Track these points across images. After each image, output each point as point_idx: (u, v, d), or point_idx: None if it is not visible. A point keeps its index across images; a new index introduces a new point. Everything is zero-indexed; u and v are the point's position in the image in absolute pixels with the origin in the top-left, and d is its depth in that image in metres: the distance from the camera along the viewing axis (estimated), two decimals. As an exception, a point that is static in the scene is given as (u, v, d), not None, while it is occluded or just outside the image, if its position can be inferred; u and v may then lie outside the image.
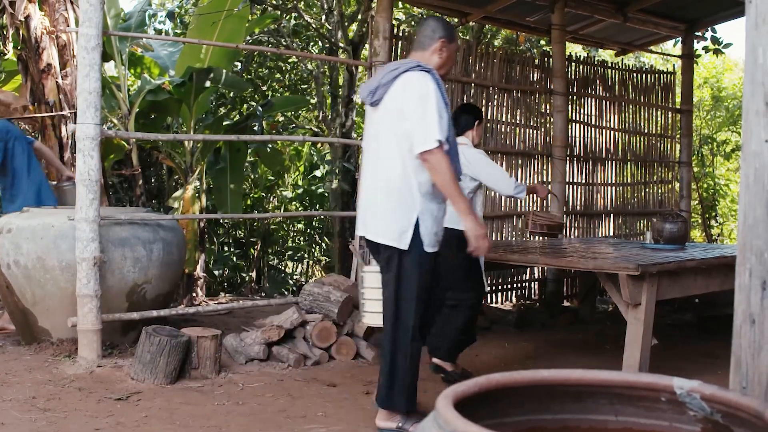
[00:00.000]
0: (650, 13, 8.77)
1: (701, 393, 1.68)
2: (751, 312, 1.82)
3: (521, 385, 1.74)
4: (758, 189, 1.79)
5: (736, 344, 1.89)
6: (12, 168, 6.18)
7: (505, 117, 8.10)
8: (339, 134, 10.91)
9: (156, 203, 10.11)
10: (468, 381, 1.67)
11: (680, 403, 1.70)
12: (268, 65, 12.63)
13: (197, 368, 5.08)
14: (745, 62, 1.88)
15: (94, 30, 5.21)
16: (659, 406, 1.73)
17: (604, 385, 1.78)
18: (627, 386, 1.76)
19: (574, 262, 5.12)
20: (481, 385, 1.66)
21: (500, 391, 1.71)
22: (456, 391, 1.59)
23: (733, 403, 1.62)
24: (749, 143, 1.82)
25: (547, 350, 6.30)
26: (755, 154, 1.81)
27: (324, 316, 5.81)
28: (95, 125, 5.20)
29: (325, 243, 12.96)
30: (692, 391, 1.69)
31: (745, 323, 1.83)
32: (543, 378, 1.76)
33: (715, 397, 1.65)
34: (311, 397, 4.75)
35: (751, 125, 1.80)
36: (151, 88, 8.21)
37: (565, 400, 1.76)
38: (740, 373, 1.87)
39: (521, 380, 1.74)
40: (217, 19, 8.07)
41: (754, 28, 1.83)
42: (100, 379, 4.88)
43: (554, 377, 1.76)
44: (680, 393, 1.70)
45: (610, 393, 1.77)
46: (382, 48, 6.77)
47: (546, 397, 1.76)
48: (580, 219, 8.86)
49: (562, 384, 1.77)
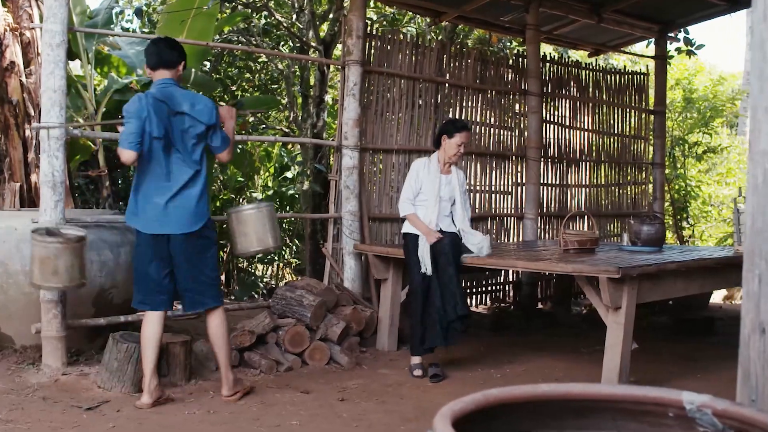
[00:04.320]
0: (625, 14, 8.75)
1: (713, 408, 1.57)
2: (761, 321, 1.71)
3: (520, 401, 1.63)
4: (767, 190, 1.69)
5: (743, 355, 1.79)
6: None
7: (480, 118, 8.00)
8: (310, 135, 10.75)
9: (123, 205, 9.89)
10: (465, 398, 1.56)
11: (689, 419, 1.59)
12: (238, 65, 12.45)
13: (167, 375, 4.93)
14: (752, 57, 1.78)
15: (59, 26, 5.06)
16: (666, 422, 1.62)
17: (606, 400, 1.67)
18: (631, 401, 1.65)
19: (553, 265, 5.04)
20: (478, 402, 1.54)
21: (498, 407, 1.59)
22: (453, 409, 1.47)
23: (747, 418, 1.52)
24: (757, 142, 1.72)
25: (525, 354, 6.21)
26: (764, 153, 1.71)
27: (297, 321, 5.69)
28: (60, 124, 5.04)
29: (295, 245, 12.80)
30: (703, 406, 1.58)
31: (754, 333, 1.73)
32: (542, 393, 1.65)
33: (727, 413, 1.54)
34: (285, 404, 4.62)
35: (760, 123, 1.70)
36: (119, 88, 8.01)
37: (565, 416, 1.66)
38: (749, 385, 1.76)
39: (520, 396, 1.63)
40: (186, 17, 7.89)
41: (762, 21, 1.73)
42: (65, 388, 4.71)
43: (554, 392, 1.65)
44: (690, 408, 1.60)
45: (612, 408, 1.67)
46: (355, 47, 6.67)
47: (545, 413, 1.65)
48: (554, 221, 8.79)
49: (563, 399, 1.66)
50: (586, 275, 4.82)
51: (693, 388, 4.55)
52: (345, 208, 6.68)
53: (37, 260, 4.47)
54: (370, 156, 7.03)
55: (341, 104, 6.80)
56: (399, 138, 7.19)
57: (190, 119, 4.44)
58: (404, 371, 5.52)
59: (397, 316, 6.27)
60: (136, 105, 4.37)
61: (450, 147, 5.61)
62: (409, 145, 7.24)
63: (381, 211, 7.07)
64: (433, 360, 5.61)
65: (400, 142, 7.18)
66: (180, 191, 4.43)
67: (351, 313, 6.01)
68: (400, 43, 7.23)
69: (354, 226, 6.68)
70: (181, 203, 4.43)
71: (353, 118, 6.68)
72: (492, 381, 5.35)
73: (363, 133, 6.84)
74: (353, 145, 6.68)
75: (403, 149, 7.19)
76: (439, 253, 5.36)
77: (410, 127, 7.27)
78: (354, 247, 6.60)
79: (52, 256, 4.45)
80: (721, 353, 6.36)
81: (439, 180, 5.61)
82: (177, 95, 4.49)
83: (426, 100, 7.43)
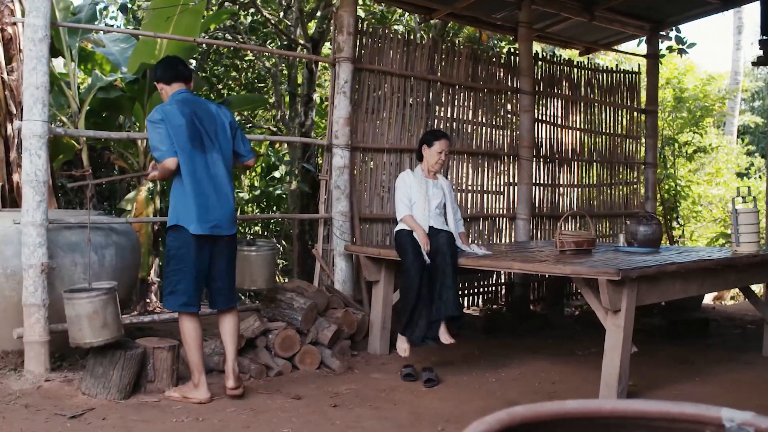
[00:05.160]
0: (617, 11, 8.66)
1: (756, 426, 1.44)
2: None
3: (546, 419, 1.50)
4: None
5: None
6: None
7: (471, 117, 7.88)
8: (298, 134, 10.60)
9: (107, 206, 9.71)
10: (488, 418, 1.42)
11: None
12: (224, 63, 12.28)
13: (153, 381, 4.78)
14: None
15: (41, 20, 4.90)
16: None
17: (638, 417, 1.54)
18: (666, 418, 1.52)
19: (551, 267, 4.92)
20: (502, 421, 1.41)
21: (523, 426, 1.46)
22: (477, 431, 1.34)
23: (795, 439, 1.39)
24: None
25: (519, 357, 6.09)
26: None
27: (287, 324, 5.55)
28: (43, 122, 4.89)
29: (282, 246, 12.64)
30: (745, 424, 1.45)
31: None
32: (571, 410, 1.51)
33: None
34: (276, 411, 4.48)
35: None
36: (103, 86, 7.83)
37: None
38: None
39: (546, 413, 1.49)
40: (172, 14, 7.72)
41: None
42: (48, 395, 4.55)
43: (583, 409, 1.52)
44: (730, 426, 1.46)
45: (645, 426, 1.53)
46: (346, 43, 6.54)
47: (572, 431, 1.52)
48: (546, 221, 8.68)
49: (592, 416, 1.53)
50: (584, 277, 4.71)
51: (693, 393, 4.46)
52: (336, 209, 6.54)
53: (84, 318, 4.46)
54: (360, 155, 6.90)
55: (331, 102, 6.66)
56: (390, 137, 7.06)
57: (219, 120, 4.65)
58: (397, 375, 5.39)
59: (389, 318, 6.14)
60: (159, 113, 4.49)
61: (431, 156, 5.82)
62: (400, 144, 7.11)
63: (372, 211, 6.94)
64: (426, 364, 5.50)
65: (391, 141, 7.05)
66: (223, 191, 4.60)
67: (342, 315, 5.88)
68: (391, 40, 7.10)
69: (345, 226, 6.55)
70: (226, 203, 4.61)
71: (344, 117, 6.54)
72: (488, 385, 5.23)
73: (353, 132, 6.70)
74: (344, 144, 6.54)
75: (394, 148, 7.06)
76: (436, 252, 5.29)
77: (401, 126, 7.14)
78: (345, 248, 6.46)
79: (100, 309, 4.49)
80: (718, 355, 6.29)
81: (427, 183, 5.78)
82: (200, 101, 4.76)
83: (417, 99, 7.30)
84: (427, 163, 5.84)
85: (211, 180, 4.53)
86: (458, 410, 4.57)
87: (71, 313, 4.50)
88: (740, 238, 5.81)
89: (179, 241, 4.52)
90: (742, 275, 5.82)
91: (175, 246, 4.55)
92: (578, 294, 8.91)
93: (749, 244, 5.78)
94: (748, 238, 5.79)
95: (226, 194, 4.62)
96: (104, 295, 4.54)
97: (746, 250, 5.77)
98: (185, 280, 4.53)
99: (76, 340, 4.53)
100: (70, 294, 4.53)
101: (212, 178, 4.54)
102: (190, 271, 4.52)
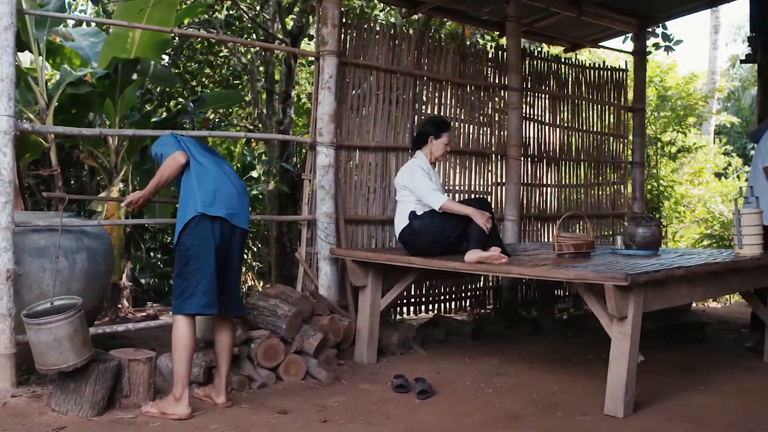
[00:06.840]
0: (606, 7, 8.44)
1: None
2: None
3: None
4: None
5: None
6: None
7: (458, 114, 7.60)
8: (276, 132, 10.26)
9: (76, 207, 9.31)
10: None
11: None
12: (198, 59, 11.92)
13: (129, 396, 4.45)
14: None
15: (6, 7, 4.57)
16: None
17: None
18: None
19: (553, 272, 4.65)
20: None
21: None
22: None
23: None
24: None
25: (512, 365, 5.82)
26: None
27: (270, 333, 5.24)
28: (8, 117, 4.56)
29: (257, 248, 12.29)
30: None
31: None
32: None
33: None
34: (262, 427, 4.17)
35: None
36: (72, 81, 7.45)
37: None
38: None
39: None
40: (145, 6, 7.39)
41: None
42: (14, 412, 4.22)
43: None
44: None
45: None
46: (330, 36, 6.24)
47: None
48: (534, 222, 8.43)
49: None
50: (590, 282, 4.44)
51: (700, 402, 4.19)
52: (320, 210, 6.23)
53: (66, 340, 4.13)
54: (345, 154, 6.59)
55: (315, 98, 6.35)
56: (376, 135, 6.76)
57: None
58: (387, 386, 5.09)
59: (376, 325, 5.85)
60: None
61: (438, 148, 5.86)
62: (387, 142, 6.82)
63: (357, 212, 6.64)
64: (417, 374, 5.23)
65: (377, 140, 6.75)
66: (239, 183, 4.55)
67: (328, 323, 5.58)
68: (376, 33, 6.80)
69: (330, 229, 6.24)
70: (243, 195, 4.52)
71: (329, 113, 6.23)
72: (484, 396, 4.95)
73: (338, 130, 6.40)
74: (329, 142, 6.23)
75: (380, 146, 6.77)
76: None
77: (387, 123, 6.85)
78: (330, 251, 6.15)
79: (79, 326, 4.20)
80: (719, 362, 6.06)
81: (435, 171, 6.02)
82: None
83: (404, 96, 7.01)
84: (432, 155, 5.88)
85: (225, 174, 4.48)
86: (458, 425, 4.29)
87: (47, 339, 4.12)
88: (743, 240, 5.58)
89: (198, 238, 4.26)
90: (746, 279, 5.58)
91: (194, 244, 4.26)
92: (566, 298, 8.68)
93: (752, 246, 5.55)
94: (751, 240, 5.57)
95: (243, 186, 4.57)
96: (79, 311, 4.23)
97: (749, 252, 5.55)
98: (206, 280, 4.25)
99: (57, 364, 4.16)
100: (36, 319, 4.17)
101: (226, 174, 4.50)
102: (211, 268, 4.26)
